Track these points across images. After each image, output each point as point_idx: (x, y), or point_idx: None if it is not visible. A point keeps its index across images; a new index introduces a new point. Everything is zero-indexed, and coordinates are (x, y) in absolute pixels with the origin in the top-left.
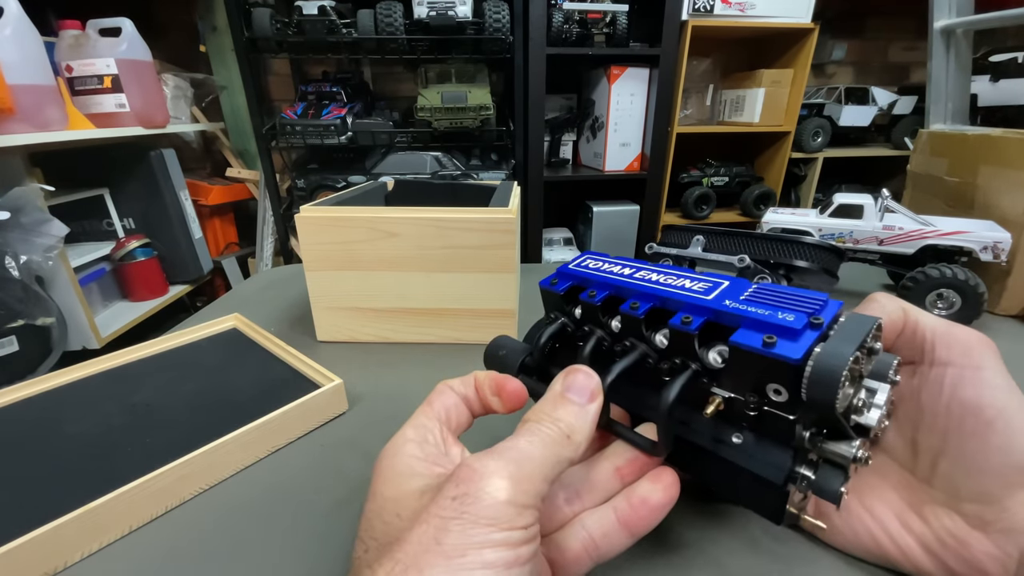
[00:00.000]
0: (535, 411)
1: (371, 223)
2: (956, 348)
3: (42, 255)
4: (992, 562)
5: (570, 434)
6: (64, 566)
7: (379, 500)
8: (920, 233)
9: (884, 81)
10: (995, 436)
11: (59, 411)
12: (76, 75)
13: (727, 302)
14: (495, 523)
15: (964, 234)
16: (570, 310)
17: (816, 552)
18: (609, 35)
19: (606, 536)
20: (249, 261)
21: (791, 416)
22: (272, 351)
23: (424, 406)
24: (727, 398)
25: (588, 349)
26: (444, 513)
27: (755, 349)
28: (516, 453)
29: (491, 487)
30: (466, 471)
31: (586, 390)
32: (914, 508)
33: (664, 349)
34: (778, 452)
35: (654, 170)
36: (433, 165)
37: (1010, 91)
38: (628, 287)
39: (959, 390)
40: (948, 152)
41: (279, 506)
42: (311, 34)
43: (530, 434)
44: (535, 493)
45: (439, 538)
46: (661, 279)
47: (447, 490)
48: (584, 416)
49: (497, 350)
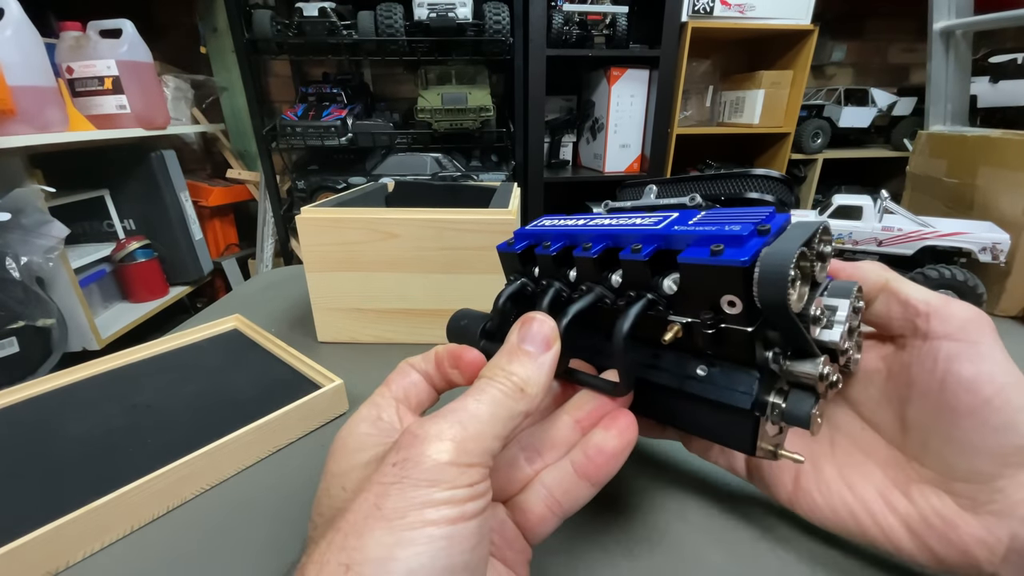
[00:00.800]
0: (490, 366)
1: (371, 224)
2: (953, 322)
3: (42, 256)
4: (980, 546)
5: (524, 387)
6: (66, 566)
7: (328, 477)
8: (919, 234)
9: (884, 82)
10: (993, 414)
11: (60, 412)
12: (77, 76)
13: (675, 227)
14: (435, 484)
15: (963, 235)
16: (529, 270)
17: (816, 553)
18: (609, 36)
19: (567, 492)
20: (249, 262)
21: (748, 328)
22: (273, 352)
23: (381, 387)
24: (685, 324)
25: (547, 301)
26: (384, 479)
27: (703, 261)
28: (462, 414)
29: (432, 450)
30: (407, 437)
31: (540, 337)
32: (899, 486)
33: (619, 287)
34: (744, 377)
35: (654, 171)
36: (433, 166)
37: (1010, 92)
38: (582, 234)
39: (955, 365)
40: (947, 153)
41: (280, 506)
42: (311, 36)
43: (479, 392)
44: (481, 452)
45: (379, 503)
46: (614, 222)
47: (389, 457)
48: (539, 367)
49: (459, 321)
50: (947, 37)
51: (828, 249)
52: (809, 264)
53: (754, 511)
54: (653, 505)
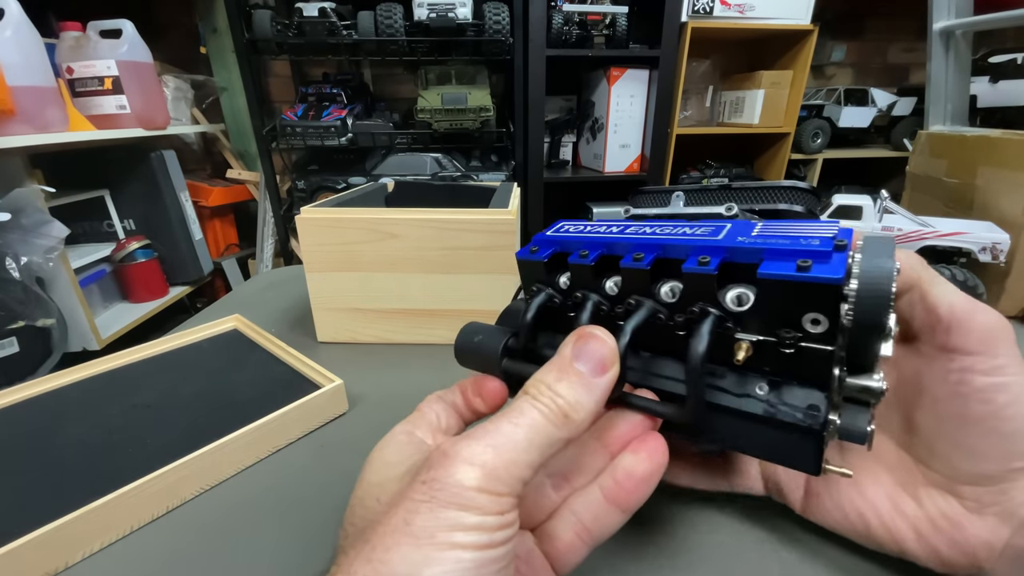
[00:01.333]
0: (535, 380)
1: (371, 224)
2: (973, 336)
3: (42, 256)
4: (984, 547)
5: (569, 412)
6: (65, 566)
7: (363, 486)
8: (919, 234)
9: (883, 82)
10: (1004, 423)
11: (60, 412)
12: (77, 76)
13: (740, 239)
14: (465, 508)
15: (963, 235)
16: (554, 280)
17: (818, 553)
18: (609, 37)
19: (597, 519)
20: (249, 262)
21: (830, 348)
22: (272, 352)
23: (414, 413)
24: (755, 342)
25: (586, 316)
26: (415, 495)
27: (790, 276)
28: (497, 437)
29: (460, 473)
30: (438, 455)
31: (597, 359)
32: (907, 490)
33: (675, 302)
34: (810, 395)
35: (654, 171)
36: (433, 166)
37: (1009, 92)
38: (623, 242)
39: (968, 375)
40: (947, 153)
41: (280, 506)
42: (311, 36)
43: (519, 413)
44: (511, 480)
45: (408, 519)
46: (657, 231)
47: (420, 473)
48: (591, 391)
49: (471, 337)
50: (947, 37)
51: (897, 265)
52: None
53: (765, 514)
54: (674, 518)
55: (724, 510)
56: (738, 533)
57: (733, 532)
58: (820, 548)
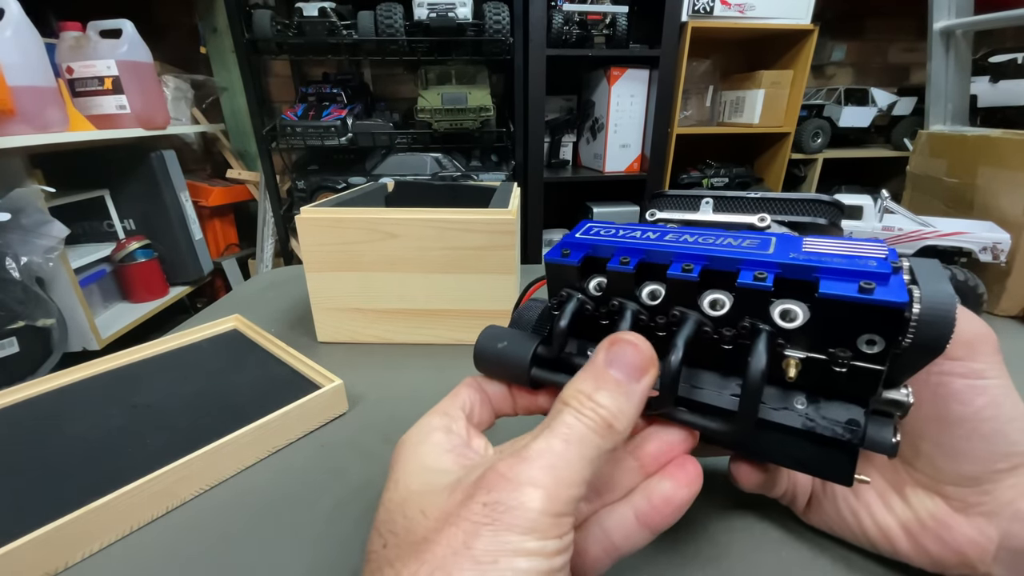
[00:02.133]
0: (573, 390)
1: (371, 224)
2: (956, 342)
3: (42, 256)
4: (972, 546)
5: (613, 422)
6: (65, 566)
7: (403, 491)
8: (919, 234)
9: (884, 82)
10: (983, 424)
11: (60, 412)
12: (77, 76)
13: (792, 255)
14: (528, 532)
15: (963, 235)
16: (584, 286)
17: (815, 553)
18: (609, 36)
19: (627, 538)
20: (249, 262)
21: (881, 367)
22: (272, 352)
23: (450, 396)
24: (804, 359)
25: (626, 325)
26: (475, 518)
27: (853, 298)
28: (551, 458)
29: (524, 496)
30: (497, 478)
31: (634, 364)
32: (896, 489)
33: (721, 315)
34: (849, 411)
35: (654, 171)
36: (433, 166)
37: (1010, 92)
38: (666, 251)
39: (947, 378)
40: (947, 153)
41: (279, 506)
42: (311, 36)
43: (566, 427)
44: (570, 499)
45: (469, 543)
46: (700, 240)
47: (478, 495)
48: (631, 397)
49: (494, 342)
50: (947, 37)
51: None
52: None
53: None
54: None
55: (726, 510)
56: (731, 531)
57: (728, 529)
58: (825, 545)
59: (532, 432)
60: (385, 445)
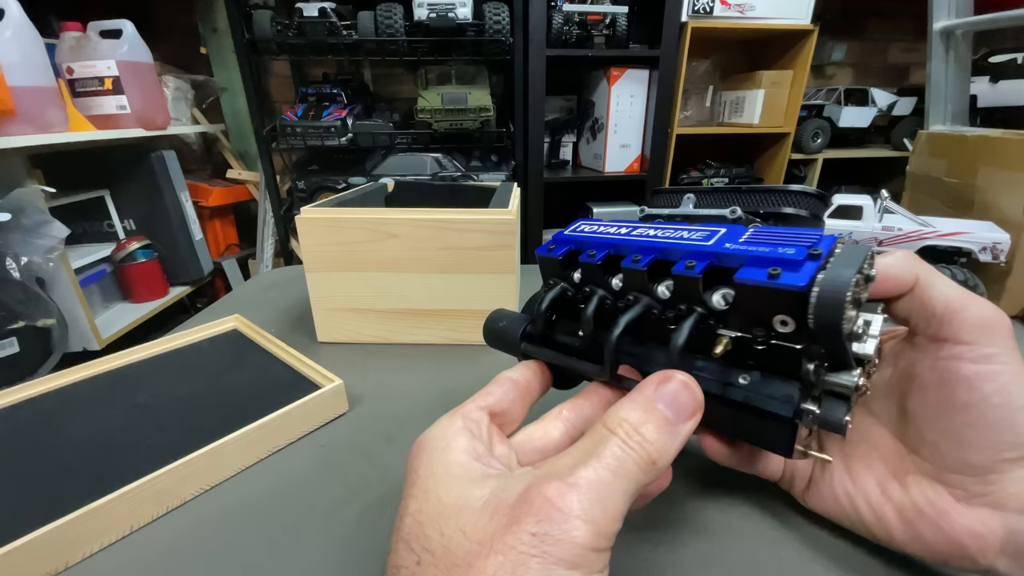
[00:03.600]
0: (619, 418)
1: (371, 224)
2: (968, 326)
3: (43, 256)
4: (972, 537)
5: (657, 459)
6: (65, 566)
7: (435, 504)
8: (919, 234)
9: (884, 82)
10: (991, 411)
11: (60, 412)
12: (77, 77)
13: (727, 245)
14: (575, 567)
15: (963, 235)
16: (568, 275)
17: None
18: (609, 37)
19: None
20: (249, 262)
21: (798, 346)
22: (272, 352)
23: (479, 396)
24: (734, 337)
25: (591, 308)
26: (523, 548)
27: (761, 282)
28: (599, 489)
29: (574, 529)
30: (545, 505)
31: (685, 408)
32: (897, 476)
33: (668, 299)
34: (785, 387)
35: (654, 171)
36: (433, 166)
37: (1009, 92)
38: (627, 244)
39: (955, 363)
40: (947, 153)
41: (279, 507)
42: (311, 36)
43: (614, 459)
44: (613, 534)
45: (517, 572)
46: (659, 234)
47: (525, 522)
48: (675, 438)
49: (496, 322)
50: (947, 37)
51: (873, 272)
52: (859, 289)
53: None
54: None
55: (727, 510)
56: (732, 530)
57: (729, 528)
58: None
59: (571, 453)
60: (386, 445)
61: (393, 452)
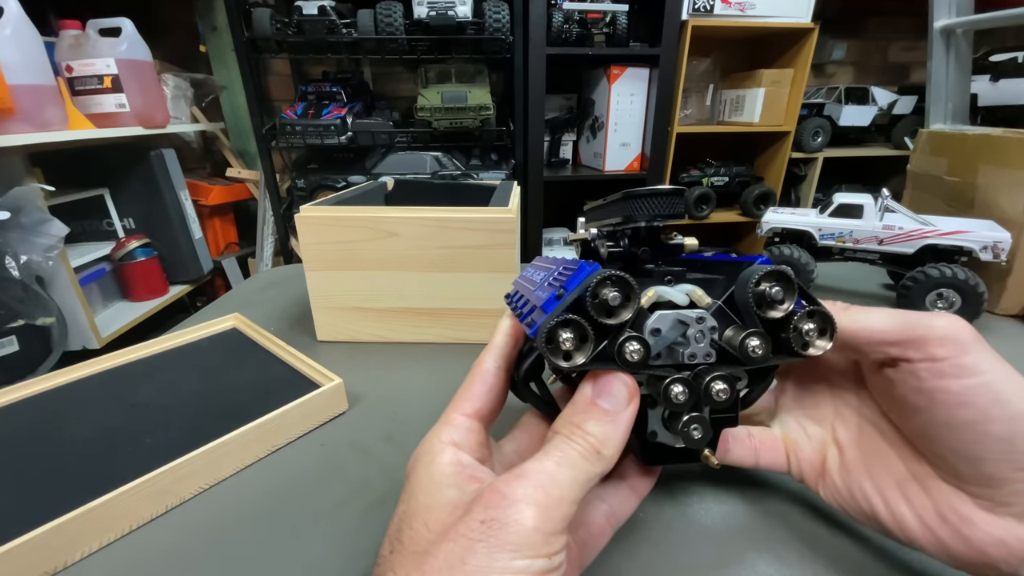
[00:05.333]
0: (563, 420)
1: (371, 223)
2: (930, 343)
3: (42, 255)
4: (997, 545)
5: (600, 448)
6: (64, 565)
7: (412, 504)
8: (920, 233)
9: (884, 81)
10: (994, 425)
11: (59, 411)
12: (76, 75)
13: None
14: (520, 550)
15: (964, 234)
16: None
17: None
18: (609, 35)
19: (622, 503)
20: (249, 261)
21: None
22: (272, 351)
23: (462, 399)
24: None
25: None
26: (472, 535)
27: (529, 334)
28: (544, 477)
29: (518, 514)
30: (494, 495)
31: (619, 397)
32: (918, 479)
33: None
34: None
35: (654, 170)
36: (433, 165)
37: (1010, 91)
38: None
39: (941, 381)
40: (948, 152)
41: (279, 506)
42: (311, 34)
43: (558, 451)
44: (562, 518)
45: (465, 558)
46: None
47: (475, 512)
48: (616, 427)
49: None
50: (947, 35)
51: (612, 294)
52: (587, 324)
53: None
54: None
55: (726, 509)
56: (731, 531)
57: (728, 529)
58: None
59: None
60: (385, 444)
61: (393, 450)
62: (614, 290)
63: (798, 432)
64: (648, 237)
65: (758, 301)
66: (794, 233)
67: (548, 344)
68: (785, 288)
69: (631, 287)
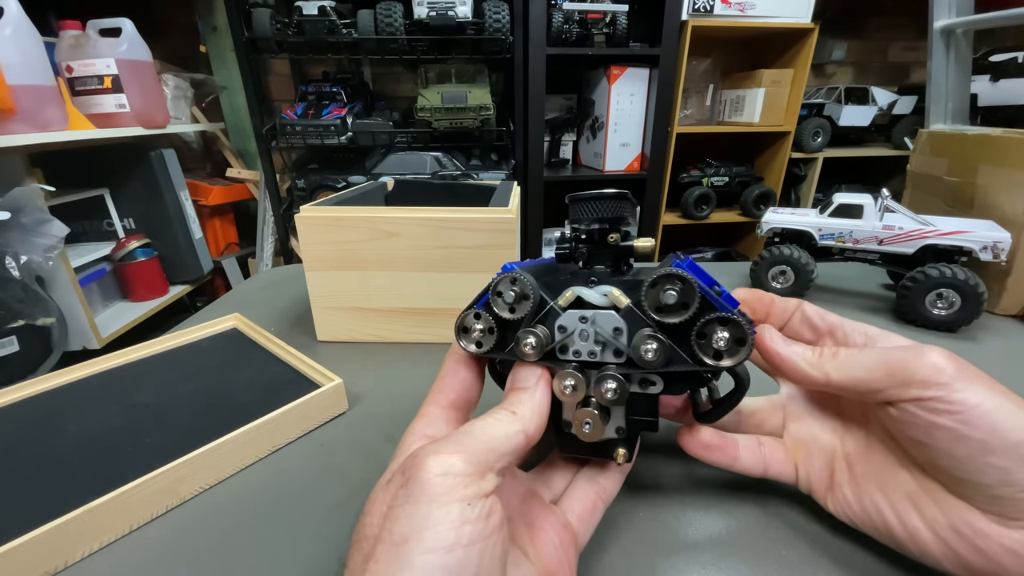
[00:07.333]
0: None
1: (371, 223)
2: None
3: (42, 255)
4: (1011, 557)
5: (514, 409)
6: (64, 565)
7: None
8: (920, 233)
9: (884, 81)
10: (995, 457)
11: (59, 411)
12: (76, 75)
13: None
14: (434, 500)
15: (964, 234)
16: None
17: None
18: (609, 35)
19: (609, 479)
20: (249, 261)
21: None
22: (272, 351)
23: (438, 391)
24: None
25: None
26: (394, 502)
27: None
28: (458, 434)
29: (429, 463)
30: (410, 459)
31: (529, 376)
32: (930, 493)
33: None
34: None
35: (654, 170)
36: (433, 165)
37: (1010, 91)
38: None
39: (935, 417)
40: (948, 152)
41: (279, 506)
42: (311, 34)
43: (480, 419)
44: (479, 462)
45: (389, 528)
46: None
47: (395, 480)
48: (529, 396)
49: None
50: (947, 36)
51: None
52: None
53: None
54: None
55: (725, 509)
56: (731, 530)
57: (728, 529)
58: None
59: None
60: (385, 444)
61: (393, 450)
62: (512, 289)
63: (807, 444)
64: (598, 239)
65: (654, 305)
66: (794, 233)
67: (462, 333)
68: (684, 292)
69: (528, 287)
